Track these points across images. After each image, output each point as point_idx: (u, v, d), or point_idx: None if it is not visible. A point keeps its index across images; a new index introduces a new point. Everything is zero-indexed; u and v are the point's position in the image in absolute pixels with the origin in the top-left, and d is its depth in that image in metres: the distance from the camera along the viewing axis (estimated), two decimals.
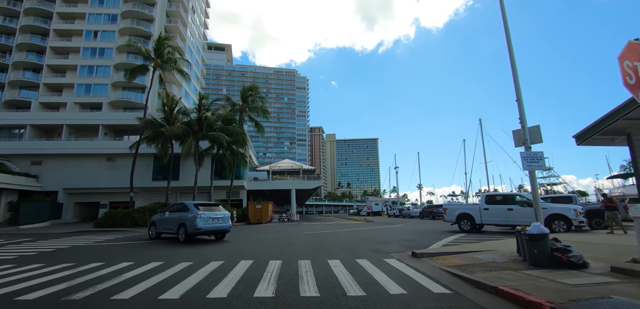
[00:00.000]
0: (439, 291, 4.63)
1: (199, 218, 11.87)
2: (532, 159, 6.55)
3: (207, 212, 12.32)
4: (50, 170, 30.91)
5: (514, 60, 7.25)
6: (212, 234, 12.82)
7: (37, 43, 42.00)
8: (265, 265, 6.64)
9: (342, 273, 5.75)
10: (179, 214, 12.59)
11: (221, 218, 12.71)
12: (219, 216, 12.64)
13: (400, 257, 7.57)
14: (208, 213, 12.31)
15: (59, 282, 5.33)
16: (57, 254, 9.24)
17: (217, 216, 12.59)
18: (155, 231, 13.66)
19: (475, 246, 8.97)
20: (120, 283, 5.18)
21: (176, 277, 5.63)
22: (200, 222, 11.85)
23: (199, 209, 12.25)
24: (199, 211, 12.07)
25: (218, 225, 12.53)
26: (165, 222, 13.23)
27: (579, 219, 11.58)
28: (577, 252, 5.84)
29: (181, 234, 12.02)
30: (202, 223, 11.90)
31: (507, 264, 6.16)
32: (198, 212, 12.03)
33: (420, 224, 24.03)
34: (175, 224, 12.50)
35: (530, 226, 6.09)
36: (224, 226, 12.80)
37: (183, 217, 12.18)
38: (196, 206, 12.39)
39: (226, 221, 12.93)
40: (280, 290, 4.67)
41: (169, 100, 26.33)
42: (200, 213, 12.02)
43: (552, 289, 4.36)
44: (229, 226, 13.20)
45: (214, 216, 12.45)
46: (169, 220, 13.01)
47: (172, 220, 12.82)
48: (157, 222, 13.69)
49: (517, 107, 6.97)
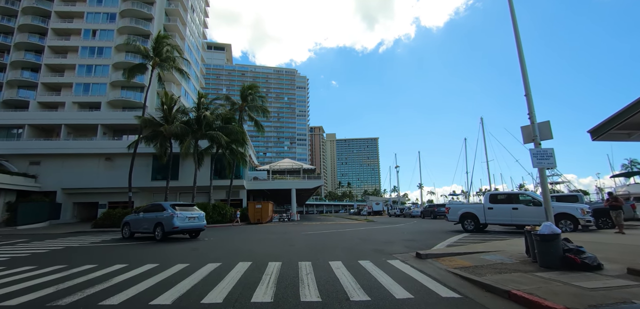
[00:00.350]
0: (447, 295, 4.36)
1: (176, 217, 12.58)
2: (542, 156, 6.28)
3: (184, 212, 13.06)
4: (49, 170, 30.66)
5: (522, 53, 6.98)
6: (187, 233, 13.60)
7: (36, 42, 41.70)
8: (264, 267, 6.38)
9: (344, 276, 5.48)
10: (155, 214, 13.16)
11: (197, 217, 13.54)
12: (194, 216, 13.43)
13: (404, 258, 7.31)
14: (185, 213, 13.06)
15: (47, 286, 5.07)
16: (50, 255, 8.98)
17: (193, 215, 13.39)
18: (129, 231, 14.06)
19: (481, 246, 8.70)
20: (111, 287, 4.92)
21: (171, 280, 5.37)
22: (178, 221, 12.56)
23: (176, 209, 12.97)
24: (175, 211, 12.77)
25: (194, 224, 13.32)
26: (140, 222, 13.70)
27: (586, 219, 11.31)
28: (590, 253, 5.58)
29: (158, 233, 12.57)
30: (179, 222, 12.61)
31: (517, 266, 5.90)
32: (175, 211, 12.73)
33: (422, 223, 23.77)
34: (151, 224, 13.02)
35: (541, 225, 5.83)
36: (200, 224, 13.66)
37: (160, 217, 12.78)
38: (173, 206, 13.11)
39: (201, 220, 13.77)
40: (280, 295, 4.41)
41: (168, 99, 26.05)
42: (177, 213, 12.73)
43: (569, 293, 4.10)
44: (204, 225, 14.02)
45: (190, 216, 13.22)
46: (145, 220, 13.50)
47: (147, 220, 13.34)
48: (131, 223, 14.13)
49: (526, 102, 6.70)
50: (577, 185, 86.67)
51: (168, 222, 12.47)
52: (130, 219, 14.29)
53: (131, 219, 14.26)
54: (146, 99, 27.20)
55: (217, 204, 26.26)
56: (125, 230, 14.24)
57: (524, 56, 6.94)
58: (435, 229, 16.78)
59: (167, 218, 12.56)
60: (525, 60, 6.93)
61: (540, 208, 11.93)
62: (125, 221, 14.49)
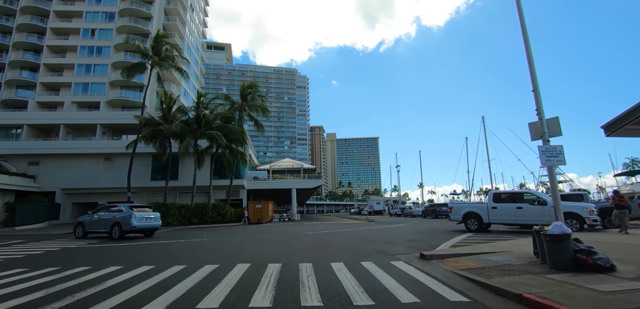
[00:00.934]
0: (455, 299, 4.14)
1: (134, 217, 13.64)
2: (551, 154, 6.06)
3: (141, 213, 14.15)
4: (48, 170, 30.48)
5: (529, 48, 6.76)
6: (143, 232, 14.62)
7: (34, 42, 41.47)
8: (263, 269, 6.17)
9: (346, 278, 5.27)
10: (112, 214, 14.11)
11: (153, 218, 14.66)
12: (151, 216, 14.56)
13: (407, 259, 7.09)
14: (141, 213, 14.14)
15: (36, 290, 4.87)
16: (44, 257, 8.78)
17: (149, 216, 14.49)
18: (83, 230, 14.71)
19: (486, 246, 8.48)
20: (103, 291, 4.71)
21: (166, 283, 5.16)
22: (135, 221, 13.63)
23: (133, 210, 14.05)
24: (133, 212, 13.84)
25: (150, 223, 14.46)
26: (95, 223, 14.51)
27: (592, 218, 11.08)
28: (602, 254, 5.36)
29: (115, 232, 13.61)
30: (137, 222, 13.69)
31: (525, 267, 5.68)
32: (132, 212, 13.79)
33: (424, 223, 23.55)
34: (108, 224, 13.93)
35: (551, 225, 5.61)
36: (155, 224, 14.84)
37: (118, 217, 13.79)
38: (130, 207, 14.21)
39: (157, 221, 14.95)
40: (279, 299, 4.20)
41: (167, 98, 25.86)
42: (134, 213, 13.78)
43: (584, 297, 3.88)
44: (159, 224, 15.22)
45: (147, 216, 14.34)
46: (100, 221, 14.33)
47: (103, 220, 14.20)
48: (85, 223, 14.85)
49: (534, 98, 6.48)
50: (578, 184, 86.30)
51: (126, 222, 13.50)
52: (85, 219, 15.00)
53: (85, 219, 14.98)
54: (145, 99, 27.03)
55: (217, 204, 26.09)
56: (78, 230, 14.82)
57: (532, 51, 6.72)
58: (437, 228, 16.57)
59: (125, 218, 13.58)
60: (532, 55, 6.70)
61: (545, 207, 11.72)
62: (79, 221, 15.13)
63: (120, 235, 13.52)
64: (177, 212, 23.49)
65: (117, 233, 13.57)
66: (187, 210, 24.03)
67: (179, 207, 23.97)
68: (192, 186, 25.41)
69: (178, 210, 23.70)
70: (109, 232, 13.84)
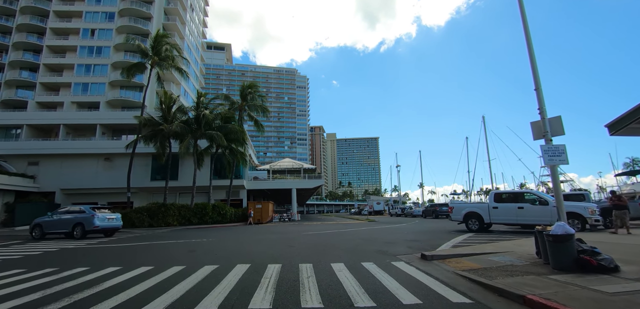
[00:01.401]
0: (458, 300, 4.08)
1: (97, 217, 14.45)
2: (554, 153, 6.00)
3: (103, 214, 15.04)
4: (48, 170, 30.42)
5: (531, 47, 6.70)
6: (103, 232, 15.32)
7: (34, 42, 41.44)
8: (263, 270, 6.11)
9: (347, 279, 5.21)
10: (74, 216, 14.76)
11: (114, 219, 15.56)
12: (113, 217, 15.49)
13: (408, 259, 7.03)
14: (103, 214, 15.01)
15: (33, 291, 4.81)
16: (43, 257, 8.73)
17: (111, 216, 15.43)
18: (41, 231, 14.97)
19: (488, 246, 8.42)
20: (101, 292, 4.65)
21: (164, 284, 5.10)
22: (98, 221, 14.45)
23: (95, 211, 14.87)
24: (95, 212, 14.65)
25: (112, 224, 15.36)
26: (54, 223, 14.93)
27: (594, 218, 11.01)
28: (606, 254, 5.30)
29: (77, 232, 14.31)
30: (99, 222, 14.51)
31: (528, 268, 5.62)
32: (95, 213, 14.61)
33: (424, 223, 23.49)
34: (68, 224, 14.57)
35: (554, 225, 5.55)
36: (117, 224, 15.73)
37: (80, 218, 14.53)
38: (92, 208, 15.00)
39: (118, 221, 15.81)
40: (279, 300, 4.14)
41: (167, 98, 25.81)
42: (97, 214, 14.62)
43: (589, 298, 3.82)
44: (120, 225, 16.11)
45: (109, 217, 15.24)
46: (60, 222, 14.82)
47: (64, 221, 14.75)
48: (43, 225, 15.08)
49: (536, 97, 6.42)
50: (578, 184, 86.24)
51: (89, 222, 14.29)
52: (42, 221, 15.28)
53: (43, 221, 15.27)
54: (145, 99, 26.99)
55: (217, 204, 26.03)
56: (36, 231, 15.02)
57: (534, 50, 6.66)
58: (438, 228, 16.51)
59: (88, 218, 14.36)
60: (534, 54, 6.64)
61: (547, 207, 11.66)
62: (36, 223, 15.29)
63: (82, 235, 14.27)
64: (176, 213, 23.45)
65: (79, 232, 14.27)
66: (187, 210, 23.97)
67: (179, 208, 23.92)
68: (192, 186, 25.35)
69: (178, 210, 23.66)
70: (69, 232, 14.50)
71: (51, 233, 15.13)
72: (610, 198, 11.27)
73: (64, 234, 14.91)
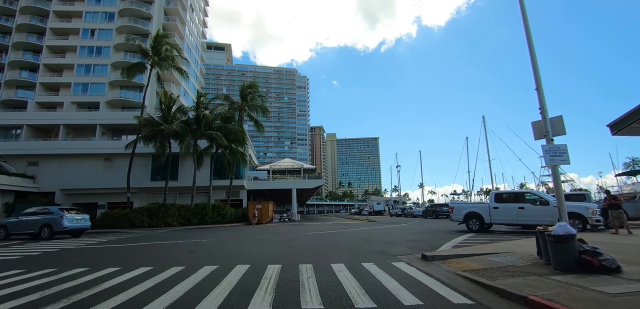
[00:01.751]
0: (459, 301, 4.05)
1: (65, 218, 14.67)
2: (555, 153, 5.97)
3: (71, 215, 15.27)
4: (47, 170, 30.39)
5: (532, 46, 6.66)
6: (71, 233, 15.42)
7: (34, 42, 41.42)
8: (263, 270, 6.08)
9: (347, 280, 5.18)
10: (41, 217, 14.95)
11: (82, 219, 15.82)
12: (80, 218, 15.77)
13: (409, 260, 7.00)
14: (72, 216, 15.25)
15: (32, 292, 4.78)
16: (42, 258, 8.70)
17: (79, 217, 15.71)
18: (6, 232, 15.24)
19: (489, 247, 8.39)
20: (99, 293, 4.62)
21: (164, 285, 5.07)
22: (66, 222, 14.68)
23: (64, 211, 15.11)
24: (64, 213, 14.87)
25: (80, 224, 15.60)
26: (21, 225, 15.15)
27: (595, 218, 10.98)
28: (608, 255, 5.27)
29: (44, 233, 14.56)
30: (68, 223, 14.74)
31: (529, 268, 5.59)
32: (64, 214, 14.84)
33: (424, 223, 23.45)
34: (36, 225, 14.77)
35: (555, 226, 5.52)
36: (85, 225, 15.94)
37: (48, 219, 14.72)
38: (60, 210, 15.24)
39: (86, 222, 16.04)
40: (278, 301, 4.11)
41: (167, 98, 25.79)
42: (65, 215, 14.86)
43: (591, 299, 3.79)
44: (89, 225, 16.35)
45: (77, 218, 15.51)
46: (26, 223, 15.03)
47: (31, 223, 14.93)
48: (8, 226, 15.42)
49: (537, 96, 6.39)
50: (578, 184, 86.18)
51: (57, 223, 14.49)
52: (7, 222, 15.65)
53: (8, 222, 15.63)
54: (145, 99, 26.97)
55: (217, 204, 26.00)
56: (0, 232, 15.32)
57: (535, 49, 6.63)
58: (438, 229, 16.47)
59: (56, 219, 14.57)
60: (535, 53, 6.61)
61: (548, 207, 11.62)
62: (1, 224, 15.70)
63: (50, 235, 14.50)
64: (176, 213, 23.42)
65: (46, 233, 14.52)
66: (187, 210, 23.94)
67: (179, 208, 23.89)
68: (192, 186, 25.32)
69: (178, 210, 23.63)
70: (36, 233, 14.73)
71: (17, 234, 15.27)
72: (605, 199, 11.22)
73: (30, 235, 15.06)
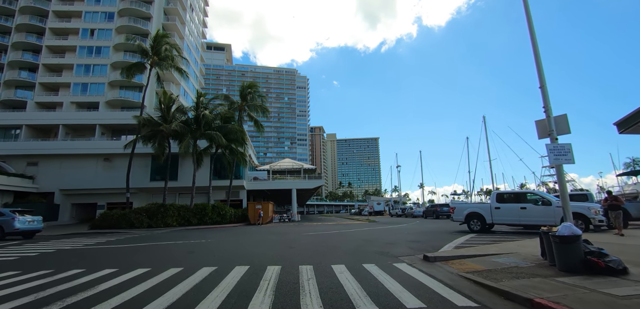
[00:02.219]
0: (463, 304, 3.95)
1: (17, 220, 14.43)
2: (560, 152, 5.87)
3: (24, 217, 15.04)
4: (47, 171, 30.32)
5: (536, 44, 6.57)
6: (23, 235, 15.22)
7: (33, 42, 41.35)
8: (262, 272, 5.98)
9: (348, 281, 5.08)
10: None
11: (35, 221, 15.61)
12: (34, 220, 15.57)
13: (411, 261, 6.90)
14: (24, 217, 15.04)
15: (26, 294, 4.68)
16: (39, 259, 8.59)
17: (33, 219, 15.52)
18: None
19: (491, 247, 8.28)
20: (95, 296, 4.52)
21: (161, 287, 4.97)
22: (18, 224, 14.45)
23: (16, 213, 14.77)
24: (16, 215, 14.59)
25: (33, 226, 15.40)
26: None
27: (598, 218, 10.87)
28: (614, 256, 5.17)
29: None
30: (20, 224, 14.53)
31: (534, 270, 5.49)
32: (15, 215, 14.55)
33: (425, 223, 23.34)
34: None
35: (560, 226, 5.42)
36: (38, 227, 15.73)
37: None
38: (13, 211, 14.97)
39: (39, 224, 15.84)
40: (278, 304, 4.01)
41: (167, 98, 25.68)
42: (17, 216, 14.57)
43: (599, 302, 3.68)
44: (41, 227, 16.10)
45: (30, 219, 15.32)
46: None
47: None
48: None
49: (541, 95, 6.30)
50: (579, 184, 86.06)
51: (8, 225, 14.35)
52: None
53: None
54: (144, 99, 26.86)
55: (217, 204, 25.88)
56: None
57: (539, 47, 6.53)
58: (439, 229, 16.37)
59: (7, 221, 14.42)
60: (539, 51, 6.52)
61: (550, 208, 11.52)
62: None
63: (1, 237, 14.44)
64: (176, 213, 23.30)
65: None
66: (187, 211, 23.83)
67: (178, 208, 23.78)
68: (192, 186, 25.22)
69: (177, 211, 23.51)
70: None
71: None
72: (605, 199, 11.11)
73: None
